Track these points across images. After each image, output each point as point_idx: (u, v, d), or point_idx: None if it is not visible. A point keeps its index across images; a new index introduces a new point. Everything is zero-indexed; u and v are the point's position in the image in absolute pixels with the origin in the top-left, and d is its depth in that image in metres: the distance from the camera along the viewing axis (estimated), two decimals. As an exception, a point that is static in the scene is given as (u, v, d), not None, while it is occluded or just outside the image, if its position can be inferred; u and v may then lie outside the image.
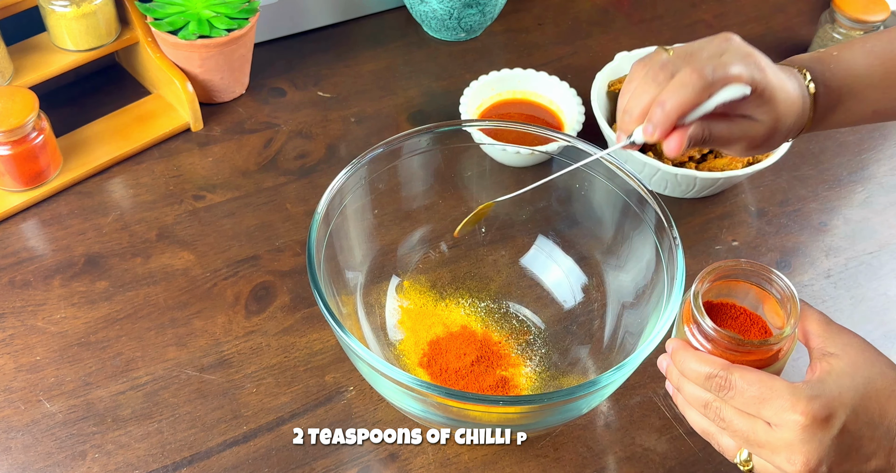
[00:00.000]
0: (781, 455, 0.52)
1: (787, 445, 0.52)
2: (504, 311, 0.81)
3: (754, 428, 0.53)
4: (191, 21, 0.93)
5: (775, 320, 0.59)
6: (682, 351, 0.57)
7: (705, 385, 0.55)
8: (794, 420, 0.51)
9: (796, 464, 0.51)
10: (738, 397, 0.53)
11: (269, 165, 0.95)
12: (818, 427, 0.51)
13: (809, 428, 0.51)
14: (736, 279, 0.59)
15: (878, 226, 0.93)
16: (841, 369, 0.53)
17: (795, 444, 0.51)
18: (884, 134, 1.02)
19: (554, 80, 0.98)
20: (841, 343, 0.55)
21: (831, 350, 0.55)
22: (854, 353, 0.55)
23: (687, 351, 0.57)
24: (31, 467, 0.72)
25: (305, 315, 0.82)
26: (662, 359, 0.60)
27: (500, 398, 0.68)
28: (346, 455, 0.73)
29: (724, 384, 0.54)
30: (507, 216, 0.85)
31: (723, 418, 0.55)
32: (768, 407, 0.52)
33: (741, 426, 0.54)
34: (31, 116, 0.84)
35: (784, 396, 0.52)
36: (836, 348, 0.55)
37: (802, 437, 0.51)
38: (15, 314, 0.81)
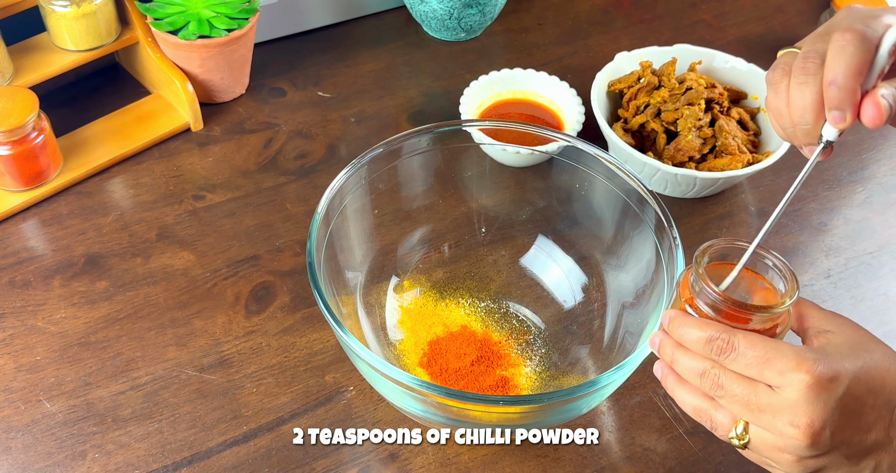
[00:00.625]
0: (784, 417, 0.50)
1: (790, 406, 0.50)
2: (504, 311, 0.81)
3: (755, 391, 0.51)
4: (191, 21, 0.93)
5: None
6: (682, 318, 0.55)
7: (705, 350, 0.53)
8: (799, 379, 0.50)
9: (800, 426, 0.50)
10: (741, 359, 0.52)
11: (269, 165, 0.95)
12: (823, 387, 0.50)
13: (814, 387, 0.49)
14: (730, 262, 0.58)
15: (878, 226, 0.93)
16: (839, 342, 0.53)
17: (800, 404, 0.50)
18: (884, 134, 1.02)
19: (554, 80, 0.98)
20: (837, 322, 0.55)
21: (827, 328, 0.55)
22: (849, 330, 0.54)
23: (686, 318, 0.55)
24: (31, 467, 0.72)
25: (305, 315, 0.82)
26: (654, 337, 0.58)
27: (500, 398, 0.68)
28: (346, 455, 0.74)
29: (725, 347, 0.52)
30: (507, 216, 0.85)
31: (720, 385, 0.53)
32: (772, 367, 0.50)
33: (741, 390, 0.52)
34: (31, 116, 0.84)
35: (788, 356, 0.50)
36: (831, 325, 0.55)
37: (807, 397, 0.50)
38: (15, 314, 0.81)
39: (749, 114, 0.96)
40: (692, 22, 1.16)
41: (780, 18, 1.17)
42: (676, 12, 1.17)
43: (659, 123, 0.92)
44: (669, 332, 0.56)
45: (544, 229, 0.83)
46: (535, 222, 0.84)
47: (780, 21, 1.16)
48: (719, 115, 0.92)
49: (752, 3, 1.19)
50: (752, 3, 1.19)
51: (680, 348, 0.56)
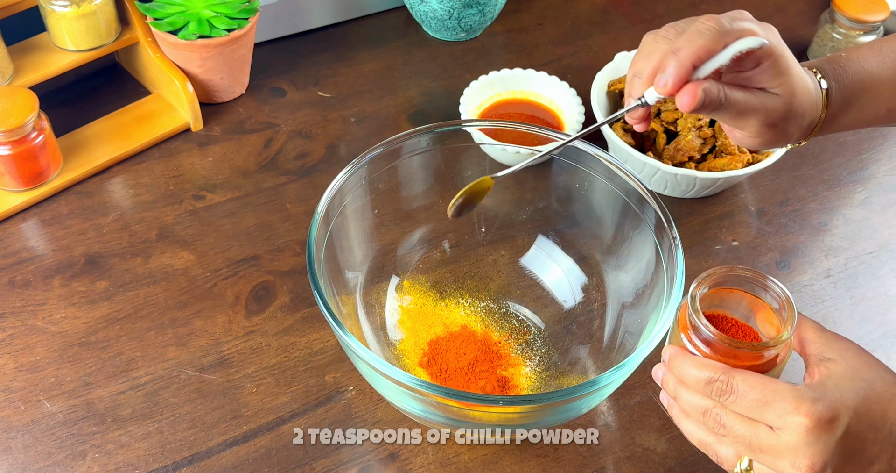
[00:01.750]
0: (785, 459, 0.51)
1: (791, 449, 0.51)
2: (504, 311, 0.81)
3: (756, 433, 0.52)
4: (191, 21, 0.93)
5: (768, 330, 0.58)
6: (681, 357, 0.56)
7: (705, 391, 0.54)
8: (798, 423, 0.50)
9: (801, 468, 0.51)
10: (740, 401, 0.52)
11: (269, 166, 0.95)
12: (822, 429, 0.50)
13: (814, 431, 0.50)
14: (730, 288, 0.59)
15: (878, 226, 0.93)
16: (840, 373, 0.53)
17: (800, 447, 0.51)
18: (884, 134, 1.02)
19: (554, 80, 0.98)
20: (838, 348, 0.55)
21: (829, 355, 0.54)
22: (852, 357, 0.54)
23: (685, 357, 0.56)
24: (31, 467, 0.72)
25: (305, 315, 0.82)
26: (657, 369, 0.59)
27: (500, 398, 0.68)
28: (346, 455, 0.74)
29: (724, 389, 0.53)
30: (507, 216, 0.85)
31: (723, 424, 0.54)
32: (771, 410, 0.51)
33: (743, 431, 0.53)
34: (31, 116, 0.84)
35: (787, 398, 0.51)
36: (833, 353, 0.55)
37: (807, 440, 0.50)
38: (15, 314, 0.81)
39: (749, 114, 0.96)
40: (692, 22, 1.16)
41: (780, 18, 1.17)
42: (676, 12, 1.17)
43: (659, 123, 0.92)
44: (670, 370, 0.57)
45: (544, 229, 0.83)
46: (535, 222, 0.84)
47: (780, 21, 1.16)
48: (719, 115, 0.92)
49: (752, 3, 1.19)
50: (751, 3, 1.19)
51: (682, 384, 0.56)
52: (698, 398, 0.55)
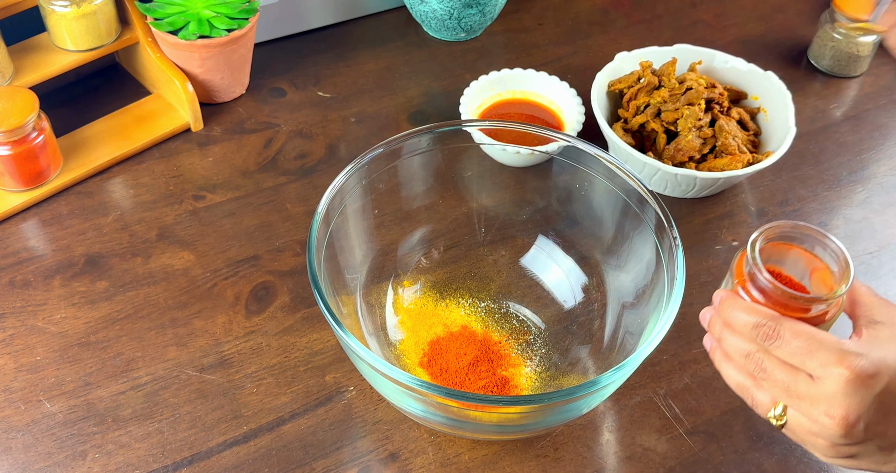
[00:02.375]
0: (821, 406, 0.52)
1: (828, 397, 0.52)
2: (504, 311, 0.81)
3: (796, 379, 0.53)
4: (191, 21, 0.93)
5: (821, 290, 0.59)
6: (731, 300, 0.57)
7: (751, 334, 0.55)
8: (838, 373, 0.51)
9: (835, 417, 0.51)
10: (785, 347, 0.53)
11: (269, 165, 0.95)
12: (861, 382, 0.51)
13: (853, 383, 0.51)
14: (790, 243, 0.59)
15: (878, 226, 0.93)
16: (887, 335, 0.54)
17: (837, 397, 0.51)
18: (884, 134, 1.02)
19: (554, 80, 0.98)
20: (888, 314, 0.56)
21: (878, 318, 0.55)
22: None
23: (736, 300, 0.56)
24: (31, 467, 0.72)
25: (305, 315, 0.82)
26: (706, 312, 0.59)
27: (500, 399, 0.68)
28: (346, 455, 0.74)
29: (770, 334, 0.54)
30: (507, 216, 0.85)
31: (764, 368, 0.54)
32: (814, 359, 0.52)
33: (782, 376, 0.54)
34: (31, 116, 0.84)
35: (831, 349, 0.52)
36: (882, 317, 0.55)
37: (845, 390, 0.51)
38: (15, 314, 0.81)
39: (749, 114, 0.96)
40: (692, 22, 1.16)
41: (780, 18, 1.17)
42: (676, 12, 1.17)
43: (659, 123, 0.92)
44: (719, 313, 0.58)
45: (544, 229, 0.83)
46: (535, 222, 0.84)
47: (780, 21, 1.16)
48: (719, 115, 0.92)
49: (752, 3, 1.19)
50: (752, 3, 1.19)
51: (728, 327, 0.57)
52: (742, 342, 0.56)
